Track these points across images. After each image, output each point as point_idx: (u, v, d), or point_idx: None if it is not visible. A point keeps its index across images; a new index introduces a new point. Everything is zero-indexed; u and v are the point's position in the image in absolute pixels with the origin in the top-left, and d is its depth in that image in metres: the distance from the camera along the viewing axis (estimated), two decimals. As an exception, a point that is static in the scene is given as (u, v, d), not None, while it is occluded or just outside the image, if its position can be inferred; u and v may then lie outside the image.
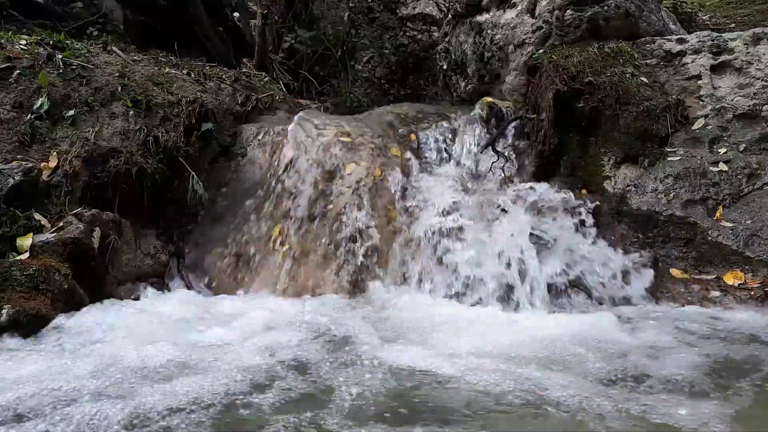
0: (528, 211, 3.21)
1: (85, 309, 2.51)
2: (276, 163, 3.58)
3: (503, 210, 3.24)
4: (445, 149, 3.77)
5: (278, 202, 3.41)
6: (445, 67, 4.75)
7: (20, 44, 3.55)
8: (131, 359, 2.01)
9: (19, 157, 2.98)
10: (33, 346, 2.17)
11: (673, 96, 3.44)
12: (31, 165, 2.86)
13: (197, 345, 2.20)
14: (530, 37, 3.96)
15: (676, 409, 1.71)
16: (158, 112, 3.50)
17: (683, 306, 2.79)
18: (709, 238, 2.99)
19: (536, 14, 3.98)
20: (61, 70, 3.43)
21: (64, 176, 3.01)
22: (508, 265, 2.89)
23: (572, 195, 3.32)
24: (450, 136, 3.84)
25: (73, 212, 2.85)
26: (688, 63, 3.54)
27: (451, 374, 1.95)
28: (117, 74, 3.57)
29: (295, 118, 3.80)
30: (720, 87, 3.42)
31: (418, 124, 3.87)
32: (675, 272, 2.99)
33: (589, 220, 3.18)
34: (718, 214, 3.03)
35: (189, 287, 3.18)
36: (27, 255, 2.53)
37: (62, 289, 2.48)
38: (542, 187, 3.38)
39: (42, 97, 3.24)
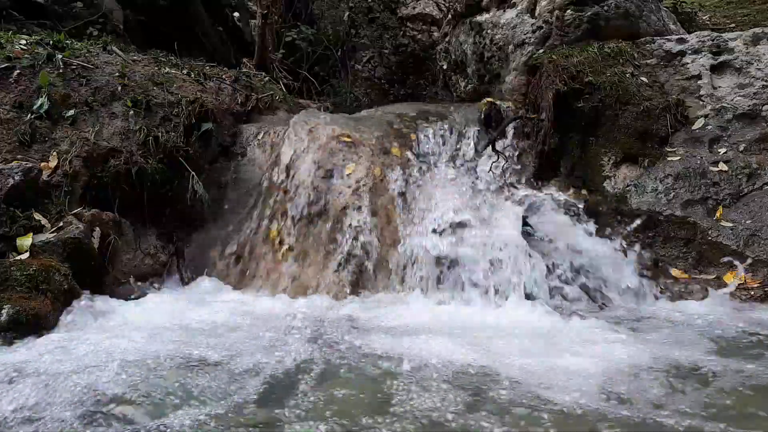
0: (527, 211, 3.21)
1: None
2: (276, 163, 3.58)
3: (502, 210, 3.24)
4: (445, 149, 3.77)
5: (278, 202, 3.41)
6: (445, 67, 4.75)
7: (20, 44, 3.55)
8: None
9: (19, 157, 2.98)
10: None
11: (673, 96, 3.44)
12: (31, 165, 2.86)
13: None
14: (530, 37, 3.96)
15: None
16: (158, 112, 3.50)
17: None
18: (709, 238, 2.99)
19: (536, 14, 3.98)
20: (61, 70, 3.42)
21: (64, 176, 3.02)
22: (507, 265, 2.89)
23: (572, 195, 3.32)
24: (450, 135, 3.84)
25: (73, 212, 2.85)
26: (688, 63, 3.54)
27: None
28: (117, 74, 3.57)
29: (295, 117, 3.81)
30: (720, 87, 3.42)
31: (418, 124, 3.86)
32: (675, 272, 2.99)
33: (589, 220, 3.18)
34: (718, 214, 3.03)
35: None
36: (27, 255, 2.53)
37: (62, 289, 2.48)
38: (542, 187, 3.39)
39: (42, 97, 3.24)
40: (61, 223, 2.73)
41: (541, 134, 3.67)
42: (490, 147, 3.75)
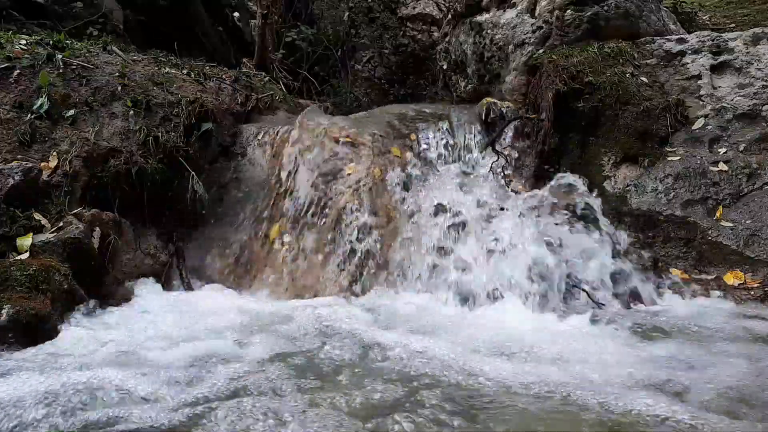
0: (527, 211, 3.20)
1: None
2: (276, 163, 3.58)
3: (503, 209, 3.24)
4: (445, 149, 3.77)
5: (278, 202, 3.41)
6: (445, 67, 4.75)
7: (20, 44, 3.55)
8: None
9: (19, 157, 2.98)
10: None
11: (673, 96, 3.44)
12: (31, 165, 2.86)
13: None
14: (530, 37, 3.96)
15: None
16: (158, 112, 3.50)
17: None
18: (709, 238, 2.99)
19: (536, 14, 3.98)
20: (61, 70, 3.42)
21: (64, 176, 3.01)
22: (505, 265, 2.89)
23: (572, 195, 3.32)
24: (450, 136, 3.84)
25: (73, 212, 2.85)
26: (688, 63, 3.54)
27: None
28: (117, 74, 3.57)
29: (296, 118, 3.81)
30: (720, 87, 3.42)
31: (418, 124, 3.86)
32: (675, 272, 2.99)
33: (589, 220, 3.18)
34: (718, 214, 3.03)
35: (189, 288, 3.18)
36: (27, 255, 2.53)
37: (62, 289, 2.48)
38: (542, 186, 3.38)
39: (42, 97, 3.24)
40: (61, 223, 2.73)
41: (541, 134, 3.67)
42: (490, 147, 3.75)
